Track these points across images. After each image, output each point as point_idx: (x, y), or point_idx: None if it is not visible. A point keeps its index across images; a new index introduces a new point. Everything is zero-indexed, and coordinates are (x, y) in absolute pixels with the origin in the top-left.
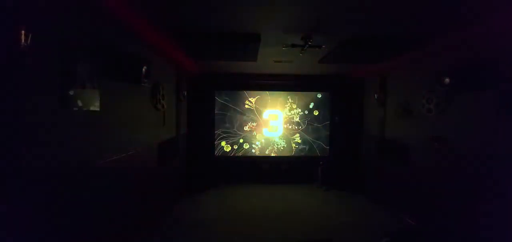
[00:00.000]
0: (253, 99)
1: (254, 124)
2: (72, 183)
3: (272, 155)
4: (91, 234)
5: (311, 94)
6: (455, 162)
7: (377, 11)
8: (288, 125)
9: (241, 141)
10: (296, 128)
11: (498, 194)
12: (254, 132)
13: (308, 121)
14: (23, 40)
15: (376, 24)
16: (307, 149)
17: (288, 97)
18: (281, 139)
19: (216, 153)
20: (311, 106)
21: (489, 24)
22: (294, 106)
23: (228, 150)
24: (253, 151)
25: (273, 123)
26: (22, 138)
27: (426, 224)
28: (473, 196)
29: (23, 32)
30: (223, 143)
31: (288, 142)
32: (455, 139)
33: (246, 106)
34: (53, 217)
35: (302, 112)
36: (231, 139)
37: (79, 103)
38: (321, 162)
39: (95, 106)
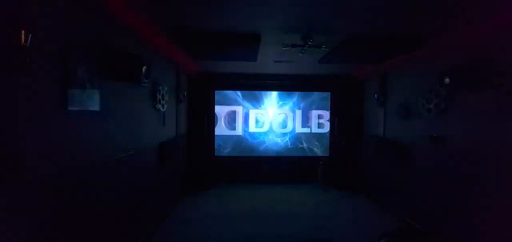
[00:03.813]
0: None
1: (253, 123)
2: (72, 183)
3: (272, 155)
4: (91, 234)
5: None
6: (455, 162)
7: (378, 11)
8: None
9: (240, 140)
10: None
11: (498, 194)
12: (253, 131)
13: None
14: (23, 40)
15: (376, 24)
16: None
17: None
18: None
19: (216, 153)
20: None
21: (489, 24)
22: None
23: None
24: (253, 150)
25: (272, 121)
26: (22, 138)
27: (426, 224)
28: (474, 196)
29: (23, 32)
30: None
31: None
32: (455, 139)
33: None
34: (53, 218)
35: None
36: (231, 138)
37: (79, 103)
38: (321, 162)
39: (95, 107)
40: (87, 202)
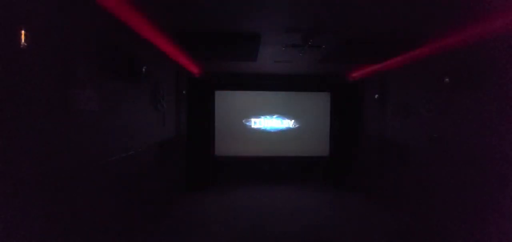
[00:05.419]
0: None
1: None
2: (73, 183)
3: (272, 155)
4: (91, 234)
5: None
6: (454, 161)
7: (377, 11)
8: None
9: (240, 140)
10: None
11: (498, 194)
12: (253, 131)
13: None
14: (23, 40)
15: (376, 24)
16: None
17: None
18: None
19: (216, 153)
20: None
21: (489, 24)
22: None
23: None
24: (253, 150)
25: (271, 121)
26: (22, 138)
27: (425, 224)
28: (473, 196)
29: (23, 32)
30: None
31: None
32: (455, 139)
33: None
34: (53, 218)
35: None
36: (231, 137)
37: (79, 103)
38: (321, 162)
39: (95, 107)
40: (87, 203)
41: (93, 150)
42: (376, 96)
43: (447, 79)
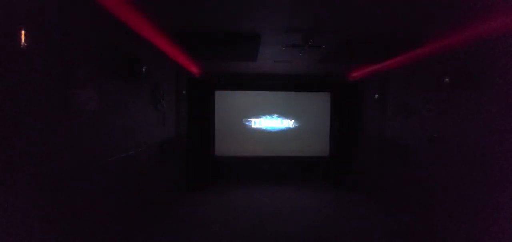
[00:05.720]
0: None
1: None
2: (73, 183)
3: (272, 155)
4: (91, 235)
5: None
6: (454, 161)
7: (377, 11)
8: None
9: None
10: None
11: (498, 194)
12: (253, 130)
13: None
14: (23, 40)
15: (376, 24)
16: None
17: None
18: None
19: (216, 153)
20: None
21: (489, 24)
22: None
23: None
24: (253, 150)
25: (271, 121)
26: (22, 138)
27: (425, 224)
28: (473, 196)
29: (23, 32)
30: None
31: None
32: (455, 139)
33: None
34: (52, 218)
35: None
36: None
37: (79, 103)
38: (321, 162)
39: (95, 107)
40: (87, 203)
41: (93, 150)
42: (376, 96)
43: (447, 79)
